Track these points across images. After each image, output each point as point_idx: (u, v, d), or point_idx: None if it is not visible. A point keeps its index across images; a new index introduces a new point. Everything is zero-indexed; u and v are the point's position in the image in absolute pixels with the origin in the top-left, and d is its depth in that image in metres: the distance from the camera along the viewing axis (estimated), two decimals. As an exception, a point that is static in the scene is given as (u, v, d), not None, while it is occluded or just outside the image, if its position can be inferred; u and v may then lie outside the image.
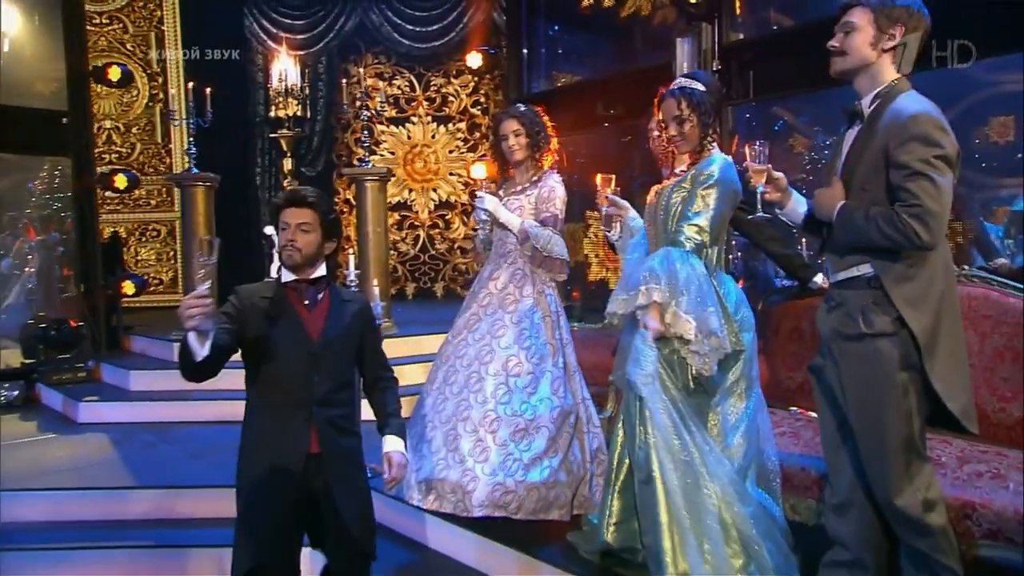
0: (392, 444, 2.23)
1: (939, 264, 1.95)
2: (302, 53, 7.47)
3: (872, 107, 1.98)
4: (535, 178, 2.98)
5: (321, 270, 2.15)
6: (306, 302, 2.15)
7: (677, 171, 2.44)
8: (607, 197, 2.57)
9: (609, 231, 2.66)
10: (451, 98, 7.65)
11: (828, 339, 2.06)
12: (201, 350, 1.89)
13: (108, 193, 6.04)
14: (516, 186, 3.01)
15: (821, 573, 2.18)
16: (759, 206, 2.10)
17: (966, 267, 2.83)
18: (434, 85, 7.68)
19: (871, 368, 1.93)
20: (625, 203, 2.63)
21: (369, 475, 2.22)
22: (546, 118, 3.00)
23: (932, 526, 1.92)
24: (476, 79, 7.49)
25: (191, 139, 5.00)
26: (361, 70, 7.68)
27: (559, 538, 2.69)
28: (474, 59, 6.95)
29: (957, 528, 2.03)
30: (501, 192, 3.03)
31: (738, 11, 4.19)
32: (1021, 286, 2.56)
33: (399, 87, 7.75)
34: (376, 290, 4.38)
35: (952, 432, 2.04)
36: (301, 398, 2.08)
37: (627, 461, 2.48)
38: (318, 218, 2.10)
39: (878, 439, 1.94)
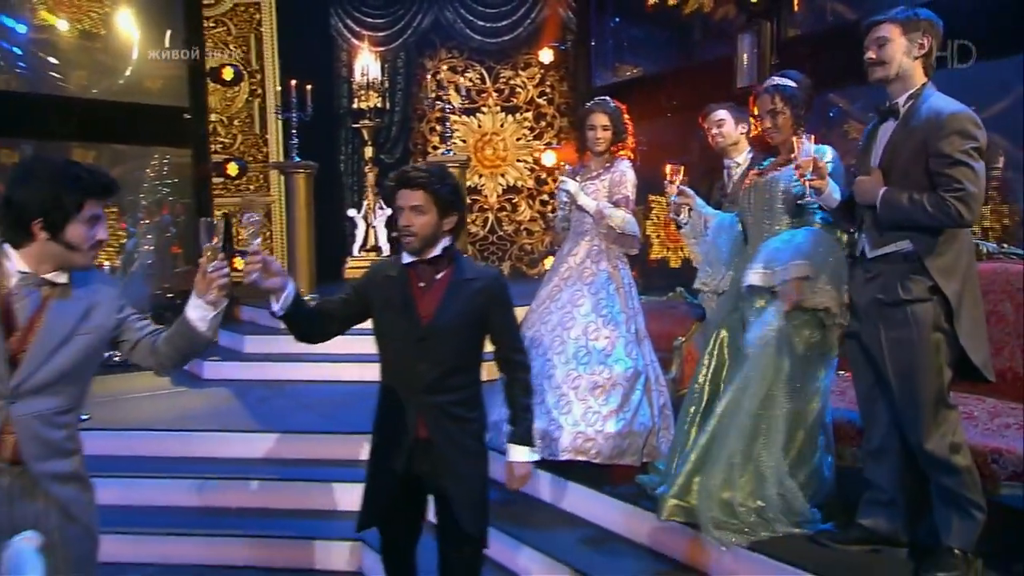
0: (515, 453, 2.14)
1: (965, 240, 2.19)
2: (382, 49, 7.82)
3: (907, 106, 2.20)
4: (607, 164, 3.26)
5: (441, 248, 2.06)
6: (421, 284, 2.05)
7: (778, 161, 2.68)
8: (679, 188, 2.84)
9: (678, 216, 2.94)
10: (519, 89, 7.91)
11: (866, 306, 2.30)
12: (275, 305, 1.90)
13: (216, 179, 6.58)
14: (592, 172, 3.30)
15: (861, 510, 2.45)
16: (807, 192, 2.34)
17: (1005, 245, 3.01)
18: (503, 77, 7.96)
19: (909, 330, 2.17)
20: (692, 192, 2.90)
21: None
22: (627, 116, 3.28)
23: (958, 466, 2.16)
24: (542, 71, 7.74)
25: (293, 131, 5.43)
26: (436, 64, 8.12)
27: (629, 480, 3.01)
28: (545, 55, 7.21)
29: (984, 471, 2.26)
30: (578, 177, 3.32)
31: (796, 7, 4.35)
32: (1055, 262, 2.74)
33: (470, 79, 8.04)
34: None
35: (973, 382, 2.25)
36: (408, 383, 2.03)
37: (697, 420, 2.77)
38: (430, 197, 2.00)
39: (913, 391, 2.19)
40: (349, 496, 3.42)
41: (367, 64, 7.61)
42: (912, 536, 2.36)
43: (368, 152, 7.53)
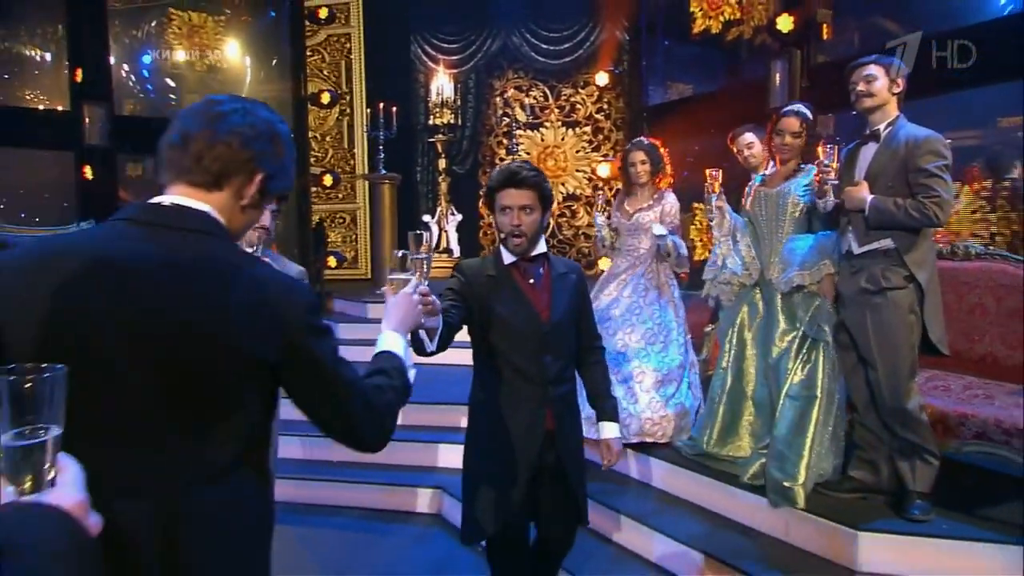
0: (609, 431, 2.23)
1: (931, 239, 2.66)
2: (455, 71, 8.50)
3: (886, 132, 2.67)
4: (656, 196, 3.73)
5: (541, 246, 2.10)
6: (531, 280, 2.07)
7: (779, 173, 3.13)
8: (717, 206, 3.24)
9: (714, 220, 3.42)
10: (578, 106, 8.45)
11: (852, 295, 2.76)
12: (430, 345, 1.82)
13: (312, 188, 7.39)
14: (642, 203, 3.74)
15: (850, 466, 2.91)
16: (828, 195, 2.74)
17: (990, 247, 3.39)
18: (564, 95, 8.51)
19: (890, 312, 2.64)
20: (726, 205, 3.31)
21: None
22: (663, 150, 3.77)
23: (923, 422, 2.63)
24: (599, 90, 8.27)
25: (380, 146, 6.13)
26: (503, 84, 8.75)
27: (666, 447, 3.52)
28: (601, 78, 7.72)
29: (954, 432, 2.71)
30: (627, 207, 3.77)
31: (825, 36, 4.77)
32: (1033, 262, 3.12)
33: (534, 97, 8.63)
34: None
35: (932, 354, 2.68)
36: (535, 377, 2.04)
37: (727, 394, 3.26)
38: (537, 196, 2.01)
39: (895, 363, 2.65)
40: (430, 453, 4.07)
41: (442, 84, 8.29)
42: (889, 485, 2.81)
43: (441, 164, 8.16)
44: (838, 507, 2.78)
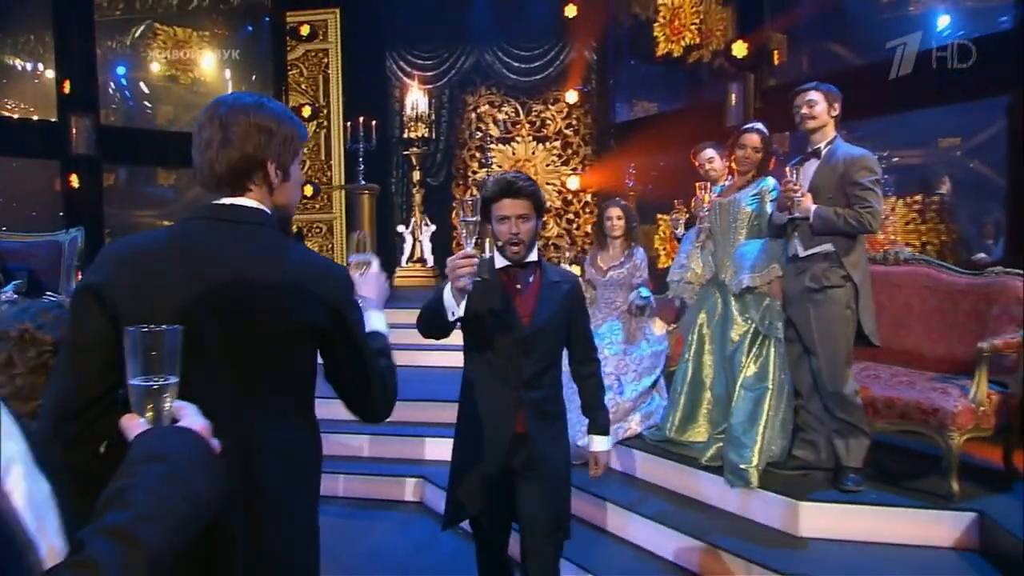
0: (597, 443, 2.28)
1: (864, 245, 3.05)
2: (430, 87, 8.80)
3: (826, 150, 3.06)
4: (627, 252, 4.03)
5: (535, 254, 2.15)
6: (518, 286, 2.12)
7: (734, 184, 3.48)
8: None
9: (676, 229, 3.76)
10: (548, 121, 8.83)
11: (797, 294, 3.13)
12: (458, 309, 1.90)
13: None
14: (615, 260, 4.05)
15: (794, 446, 3.27)
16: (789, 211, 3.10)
17: (917, 253, 3.82)
18: (535, 111, 8.88)
19: (830, 308, 3.01)
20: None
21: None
22: (634, 211, 4.13)
23: (858, 404, 3.00)
24: (569, 106, 8.66)
25: (360, 158, 6.40)
26: (476, 99, 9.09)
27: (635, 437, 3.85)
28: (571, 96, 8.11)
29: (881, 412, 3.09)
30: (600, 263, 4.08)
31: (776, 62, 5.22)
32: (951, 266, 3.55)
33: (506, 112, 8.99)
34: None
35: (865, 345, 3.07)
36: (510, 379, 2.09)
37: (687, 385, 3.61)
38: (532, 204, 2.07)
39: (835, 352, 3.02)
40: (414, 447, 4.33)
41: (416, 99, 8.58)
42: (827, 462, 3.17)
43: (416, 176, 8.43)
44: (785, 483, 3.13)
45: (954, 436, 2.93)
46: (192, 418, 0.85)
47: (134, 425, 0.81)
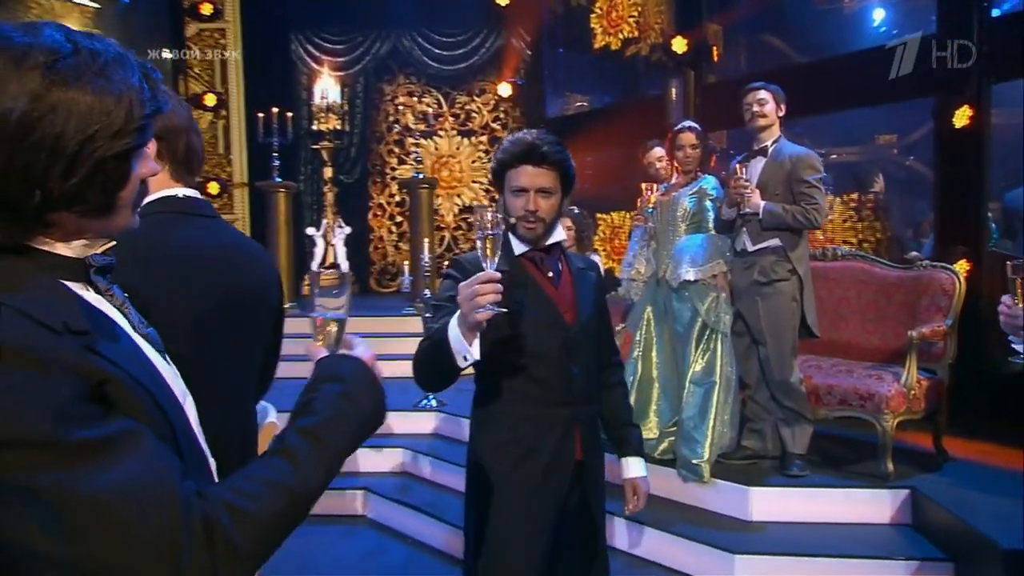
0: (635, 468, 2.15)
1: (806, 240, 3.70)
2: (342, 74, 9.11)
3: (772, 148, 3.69)
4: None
5: (558, 233, 2.01)
6: (550, 274, 1.98)
7: (678, 183, 4.07)
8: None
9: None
10: (474, 114, 9.34)
11: (745, 287, 3.73)
12: (472, 350, 1.66)
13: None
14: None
15: (742, 436, 3.87)
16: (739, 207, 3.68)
17: (853, 250, 4.56)
18: (459, 103, 9.38)
19: (777, 300, 3.63)
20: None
21: None
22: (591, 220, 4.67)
23: (802, 393, 3.64)
24: (497, 98, 9.20)
25: (275, 152, 6.67)
26: (394, 89, 9.48)
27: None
28: (504, 89, 8.64)
29: (822, 400, 3.73)
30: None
31: (715, 58, 5.94)
32: (883, 260, 4.29)
33: (428, 104, 9.42)
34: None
35: (808, 336, 3.71)
36: (560, 395, 1.93)
37: (638, 381, 4.13)
38: (559, 177, 1.92)
39: (782, 343, 3.63)
40: (355, 458, 4.68)
41: (327, 88, 8.83)
42: (773, 450, 3.79)
43: (328, 172, 8.70)
44: (735, 471, 3.73)
45: (888, 419, 3.59)
46: (360, 348, 1.16)
47: (317, 351, 1.17)
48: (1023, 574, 2.83)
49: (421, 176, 6.77)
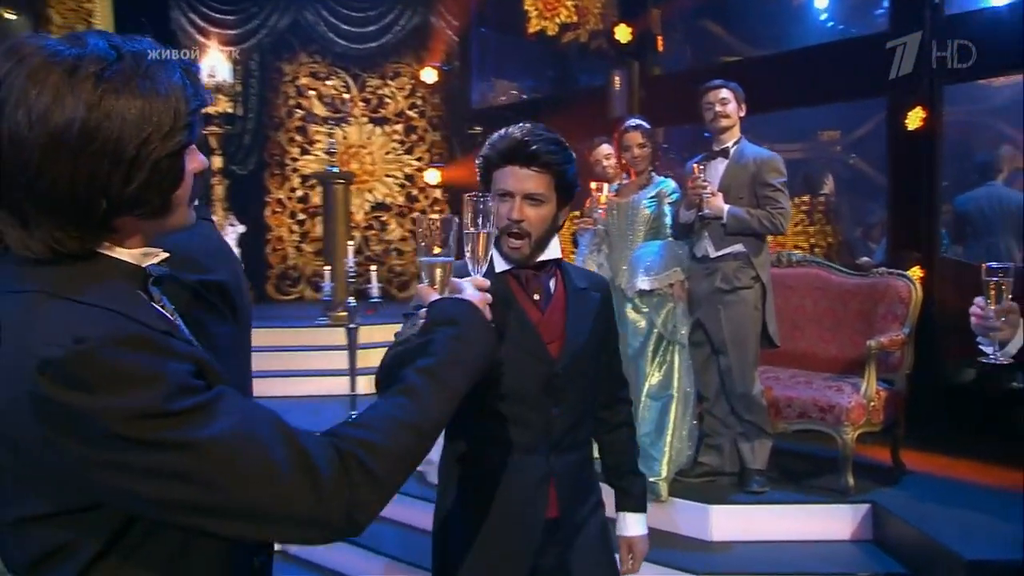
0: (633, 525, 2.09)
1: (768, 245, 4.01)
2: (233, 49, 9.01)
3: (733, 149, 3.98)
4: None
5: (552, 249, 1.93)
6: (536, 297, 1.91)
7: (632, 184, 4.31)
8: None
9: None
10: (388, 100, 9.41)
11: (706, 295, 4.01)
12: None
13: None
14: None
15: (700, 453, 4.14)
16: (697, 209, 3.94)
17: (807, 254, 4.94)
18: (370, 86, 9.43)
19: (741, 308, 3.92)
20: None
21: None
22: None
23: (763, 406, 3.95)
24: (413, 82, 9.31)
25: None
26: (296, 69, 9.43)
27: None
28: (428, 74, 8.75)
29: (782, 412, 4.05)
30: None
31: (660, 49, 6.28)
32: (840, 267, 4.67)
33: (334, 87, 9.44)
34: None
35: (768, 346, 4.03)
36: (535, 440, 1.87)
37: None
38: (553, 181, 1.84)
39: (744, 353, 3.93)
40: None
41: (215, 65, 8.67)
42: (732, 466, 4.09)
43: (217, 162, 8.58)
44: (693, 490, 4.00)
45: (848, 431, 3.93)
46: (469, 291, 1.35)
47: (429, 294, 1.37)
48: (986, 585, 3.20)
49: (336, 169, 6.82)
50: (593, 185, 4.37)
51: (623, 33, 6.09)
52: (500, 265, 1.91)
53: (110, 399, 0.92)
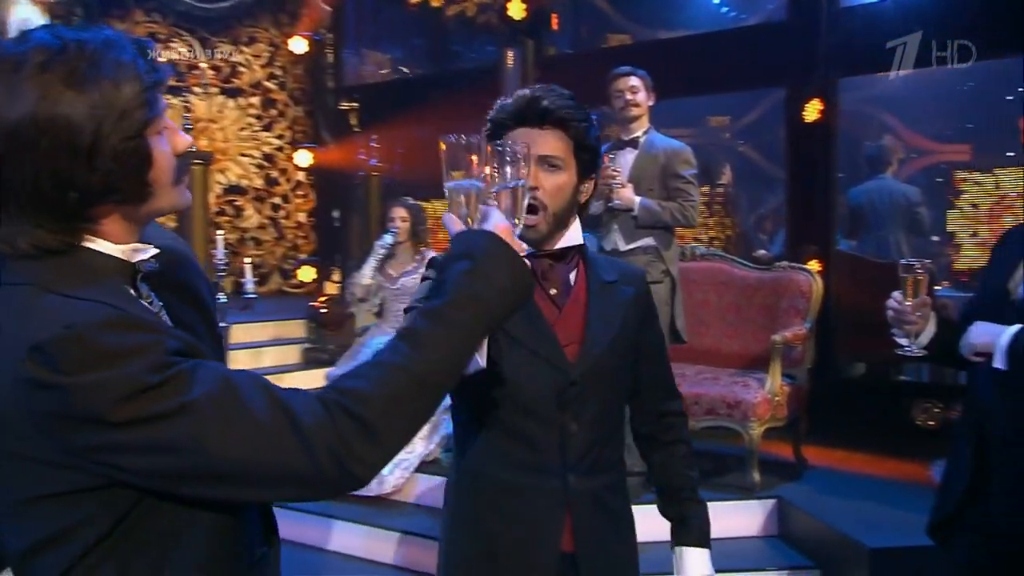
0: (694, 565, 1.97)
1: (676, 239, 4.40)
2: (49, 1, 8.72)
3: (643, 139, 4.35)
4: (418, 257, 5.12)
5: (574, 234, 1.88)
6: (552, 291, 1.85)
7: None
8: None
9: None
10: (242, 69, 9.33)
11: (615, 289, 4.38)
12: (478, 355, 1.37)
13: None
14: (407, 266, 5.15)
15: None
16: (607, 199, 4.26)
17: (710, 248, 5.42)
18: (221, 53, 9.30)
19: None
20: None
21: None
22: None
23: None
24: (272, 50, 9.28)
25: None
26: (130, 27, 9.17)
27: (433, 463, 4.83)
28: (298, 44, 8.73)
29: (691, 409, 4.47)
30: (390, 269, 5.18)
31: (554, 26, 6.63)
32: (743, 261, 5.16)
33: (177, 51, 9.24)
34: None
35: (674, 342, 4.45)
36: (547, 459, 1.80)
37: None
38: (571, 142, 1.80)
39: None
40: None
41: (27, 18, 8.39)
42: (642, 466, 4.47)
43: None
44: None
45: (755, 426, 4.39)
46: (493, 219, 1.32)
47: (452, 223, 1.36)
48: (889, 572, 3.69)
49: (194, 148, 6.78)
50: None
51: (516, 9, 6.38)
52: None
53: (95, 377, 1.03)
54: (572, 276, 1.89)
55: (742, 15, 8.24)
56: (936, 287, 4.74)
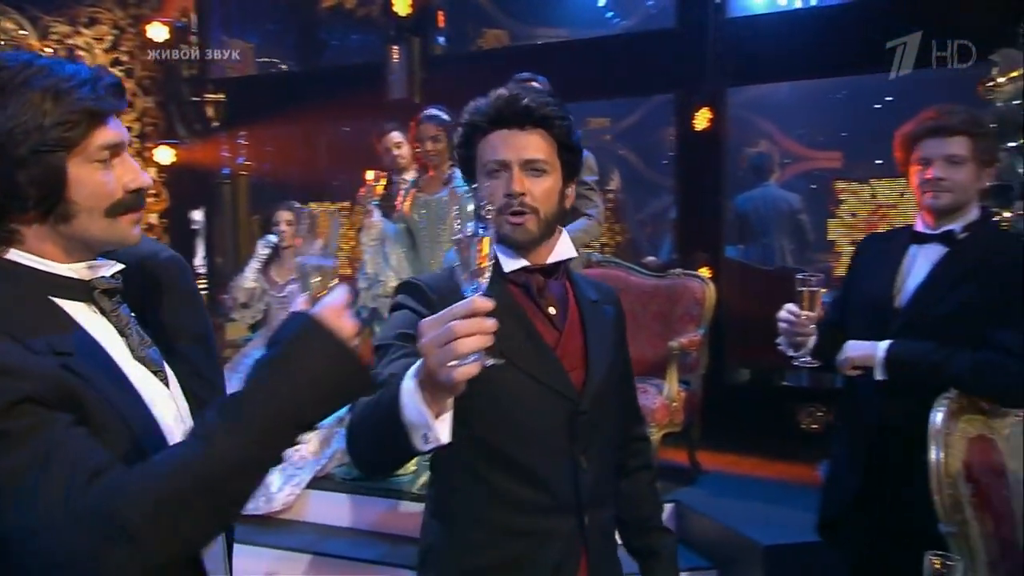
0: None
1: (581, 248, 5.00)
2: None
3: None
4: None
5: (564, 247, 1.91)
6: (551, 310, 1.86)
7: (432, 179, 5.04)
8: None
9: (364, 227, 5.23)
10: (81, 52, 9.30)
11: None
12: (440, 428, 1.37)
13: None
14: (292, 273, 5.53)
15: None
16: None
17: (606, 255, 6.04)
18: (55, 34, 9.26)
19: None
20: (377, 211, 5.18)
21: None
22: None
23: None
24: (115, 33, 9.31)
25: None
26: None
27: (325, 479, 5.23)
28: (158, 31, 8.79)
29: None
30: (276, 276, 5.59)
31: (441, 24, 7.09)
32: (639, 268, 5.80)
33: (4, 31, 9.17)
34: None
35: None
36: (562, 498, 1.80)
37: None
38: (555, 143, 1.85)
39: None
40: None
41: None
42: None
43: None
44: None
45: (653, 432, 4.97)
46: (328, 299, 1.32)
47: (296, 302, 1.40)
48: (782, 568, 4.32)
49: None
50: (370, 175, 5.06)
51: (402, 5, 6.75)
52: (509, 265, 1.85)
53: None
54: (566, 295, 1.94)
55: (626, 20, 8.91)
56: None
